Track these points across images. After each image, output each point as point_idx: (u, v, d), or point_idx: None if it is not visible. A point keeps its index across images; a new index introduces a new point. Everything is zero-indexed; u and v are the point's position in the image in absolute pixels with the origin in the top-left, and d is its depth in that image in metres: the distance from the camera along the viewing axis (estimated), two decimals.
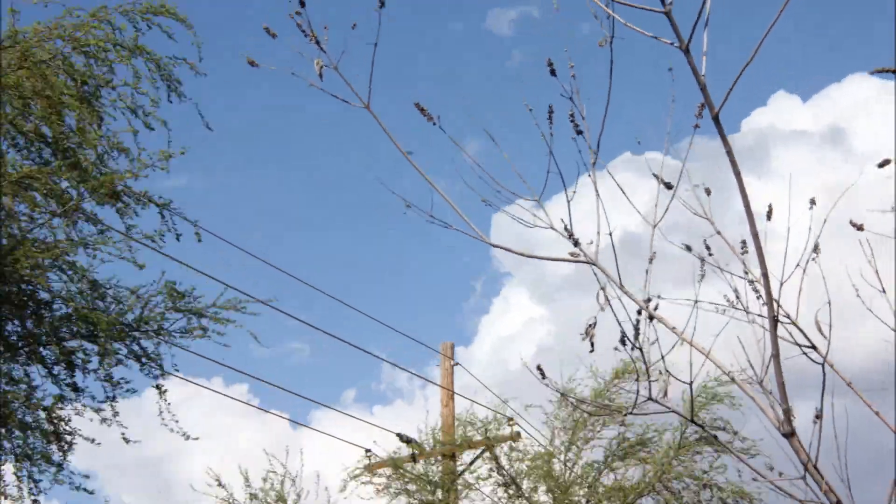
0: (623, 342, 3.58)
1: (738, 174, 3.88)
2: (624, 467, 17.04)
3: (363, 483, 17.11)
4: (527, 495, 16.61)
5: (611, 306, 3.67)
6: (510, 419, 17.05)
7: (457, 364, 17.80)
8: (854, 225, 3.71)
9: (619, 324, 3.64)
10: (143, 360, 10.82)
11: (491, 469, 16.91)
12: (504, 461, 17.06)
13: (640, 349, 3.80)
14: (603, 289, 3.73)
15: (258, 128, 45.40)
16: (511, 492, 16.75)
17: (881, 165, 3.93)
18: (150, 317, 10.74)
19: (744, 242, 4.63)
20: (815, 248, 3.76)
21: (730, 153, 3.88)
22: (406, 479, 16.90)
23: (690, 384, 3.83)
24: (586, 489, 16.72)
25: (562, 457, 16.91)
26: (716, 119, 3.84)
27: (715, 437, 4.44)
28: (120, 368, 10.89)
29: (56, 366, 10.49)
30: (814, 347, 4.20)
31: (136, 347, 10.77)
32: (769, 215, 4.62)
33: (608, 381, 17.53)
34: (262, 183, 45.87)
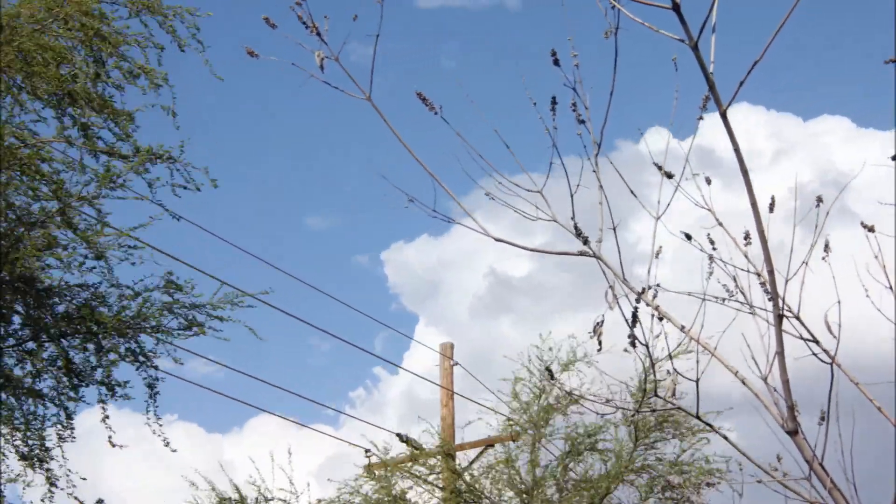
0: (633, 344, 3.57)
1: (745, 172, 3.86)
2: (587, 459, 16.96)
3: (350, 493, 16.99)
4: (494, 501, 16.52)
5: (619, 305, 3.65)
6: (508, 419, 17.04)
7: (456, 364, 17.81)
8: (864, 226, 3.71)
9: (628, 323, 3.63)
10: (141, 358, 10.71)
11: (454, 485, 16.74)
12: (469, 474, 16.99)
13: (647, 345, 3.80)
14: (611, 287, 3.71)
15: (257, 124, 45.06)
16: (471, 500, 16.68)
17: (894, 158, 3.98)
18: (149, 314, 10.60)
19: (746, 234, 4.63)
20: (826, 247, 3.76)
21: (737, 150, 3.86)
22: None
23: (697, 381, 3.82)
24: (553, 487, 16.63)
25: (526, 456, 16.74)
26: (723, 116, 3.81)
27: (725, 437, 4.44)
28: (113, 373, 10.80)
29: (52, 366, 10.39)
30: (816, 341, 4.21)
31: (133, 346, 10.67)
32: (772, 207, 4.62)
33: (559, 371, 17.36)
34: (260, 180, 45.58)
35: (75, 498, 10.76)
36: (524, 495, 16.21)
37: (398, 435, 16.91)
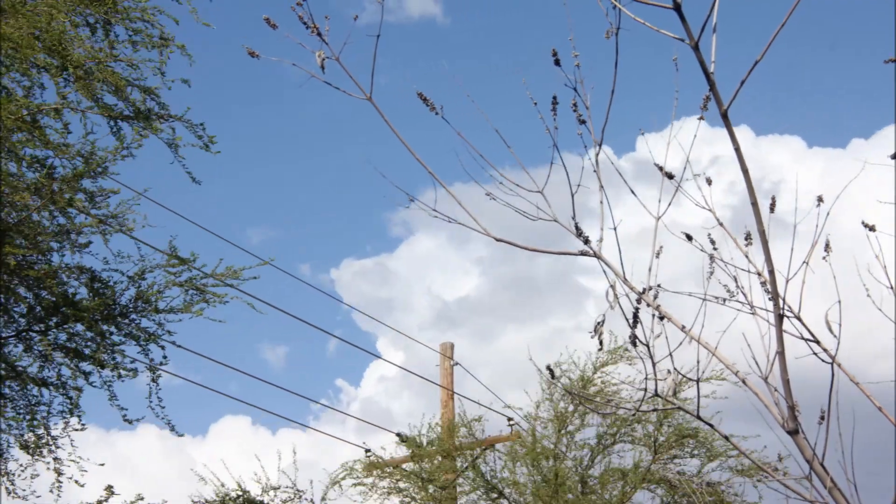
0: (634, 343, 3.57)
1: (745, 170, 3.86)
2: (615, 452, 16.96)
3: (354, 485, 16.94)
4: (512, 499, 16.49)
5: (619, 304, 3.65)
6: (510, 419, 17.02)
7: (456, 364, 17.81)
8: (866, 225, 3.71)
9: (628, 322, 3.63)
10: (142, 340, 10.73)
11: (475, 478, 16.65)
12: (490, 467, 16.96)
13: (648, 345, 3.80)
14: (612, 286, 3.71)
15: (258, 126, 44.96)
16: (493, 496, 16.63)
17: (894, 157, 4.01)
18: (148, 294, 10.64)
19: (748, 234, 4.64)
20: (827, 247, 3.76)
21: (737, 149, 3.87)
22: (396, 478, 16.74)
23: (697, 381, 3.83)
24: (577, 479, 16.59)
25: (549, 455, 16.69)
26: (724, 115, 3.82)
27: (727, 437, 4.45)
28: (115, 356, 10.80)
29: (56, 352, 10.40)
30: (817, 341, 4.21)
31: (133, 330, 10.67)
32: (772, 207, 4.62)
33: (590, 373, 17.36)
34: (260, 180, 45.42)
35: (76, 482, 10.79)
36: (544, 485, 16.13)
37: (398, 434, 16.90)
